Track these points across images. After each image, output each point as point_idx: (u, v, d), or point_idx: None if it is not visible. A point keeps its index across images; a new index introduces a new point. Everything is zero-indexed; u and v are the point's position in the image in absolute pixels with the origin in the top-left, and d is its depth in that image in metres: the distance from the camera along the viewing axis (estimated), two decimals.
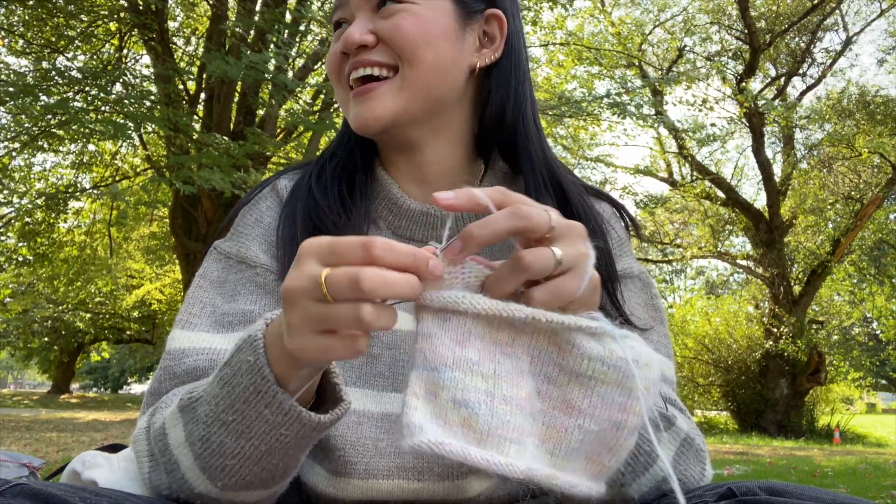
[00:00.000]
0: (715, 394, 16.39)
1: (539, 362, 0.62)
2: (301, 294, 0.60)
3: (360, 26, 0.96)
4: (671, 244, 18.27)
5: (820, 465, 7.54)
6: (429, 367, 0.60)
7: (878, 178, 15.49)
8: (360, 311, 0.57)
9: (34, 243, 13.86)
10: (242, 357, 0.70)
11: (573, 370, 0.60)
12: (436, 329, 0.61)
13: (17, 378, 68.67)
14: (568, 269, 0.62)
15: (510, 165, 1.06)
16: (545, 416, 0.61)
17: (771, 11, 15.75)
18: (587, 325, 0.60)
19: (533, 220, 0.61)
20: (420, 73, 0.95)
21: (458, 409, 0.59)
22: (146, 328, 24.97)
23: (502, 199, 0.63)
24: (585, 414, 0.60)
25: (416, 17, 0.95)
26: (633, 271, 1.07)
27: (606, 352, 0.60)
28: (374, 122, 0.95)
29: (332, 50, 1.01)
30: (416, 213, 1.02)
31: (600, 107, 9.99)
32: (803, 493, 0.69)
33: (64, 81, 9.00)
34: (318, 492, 0.94)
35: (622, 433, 0.60)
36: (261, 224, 1.04)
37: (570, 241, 0.63)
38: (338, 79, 1.01)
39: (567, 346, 0.60)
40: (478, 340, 0.61)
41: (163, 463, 0.79)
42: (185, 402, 0.77)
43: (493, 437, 0.59)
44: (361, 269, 0.57)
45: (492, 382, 0.60)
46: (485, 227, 0.60)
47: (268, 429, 0.70)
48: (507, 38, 1.02)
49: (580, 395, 0.60)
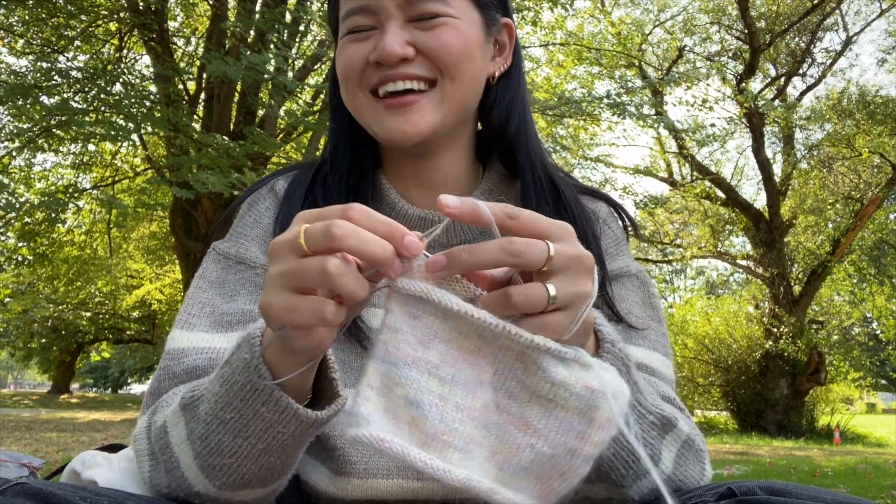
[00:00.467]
0: (715, 394, 16.39)
1: (502, 375, 0.60)
2: (282, 246, 0.61)
3: (398, 37, 0.92)
4: (671, 244, 18.27)
5: (820, 465, 7.54)
6: (389, 360, 0.60)
7: (878, 178, 15.49)
8: (327, 262, 0.57)
9: (34, 243, 13.87)
10: (240, 355, 0.70)
11: (535, 391, 0.59)
12: (403, 325, 0.60)
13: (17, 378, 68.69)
14: (562, 307, 0.60)
15: (508, 167, 1.07)
16: (500, 429, 0.60)
17: (771, 11, 15.75)
18: (556, 349, 0.58)
19: (526, 258, 0.58)
20: (459, 87, 0.95)
21: (409, 408, 0.59)
22: (146, 328, 24.98)
23: (505, 222, 0.60)
24: (540, 435, 0.58)
25: (458, 31, 0.94)
26: (631, 270, 1.07)
27: (573, 379, 0.57)
28: (416, 135, 0.94)
29: (353, 55, 0.95)
30: (414, 219, 1.02)
31: (600, 107, 9.99)
32: (803, 493, 0.69)
33: (64, 82, 9.00)
34: (318, 491, 0.95)
35: (576, 461, 0.58)
36: (259, 224, 1.04)
37: (572, 276, 0.60)
38: (358, 86, 0.96)
39: (533, 366, 0.59)
40: (442, 344, 0.60)
41: (163, 461, 0.79)
42: (186, 400, 0.77)
43: (437, 441, 0.58)
44: (335, 220, 0.58)
45: (447, 388, 0.59)
46: (473, 254, 0.59)
47: (265, 427, 0.70)
48: (514, 46, 1.04)
49: (538, 415, 0.58)
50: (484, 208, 0.60)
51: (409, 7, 0.92)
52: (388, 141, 0.96)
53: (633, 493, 0.82)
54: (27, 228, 13.06)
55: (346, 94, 0.99)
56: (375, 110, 0.96)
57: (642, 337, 1.02)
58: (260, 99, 9.04)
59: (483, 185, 1.05)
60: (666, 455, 0.83)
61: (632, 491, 0.82)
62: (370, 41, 0.94)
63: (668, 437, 0.83)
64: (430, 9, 0.92)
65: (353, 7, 0.95)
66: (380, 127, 0.96)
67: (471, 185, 1.06)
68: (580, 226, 1.01)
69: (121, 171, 13.59)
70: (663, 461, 0.83)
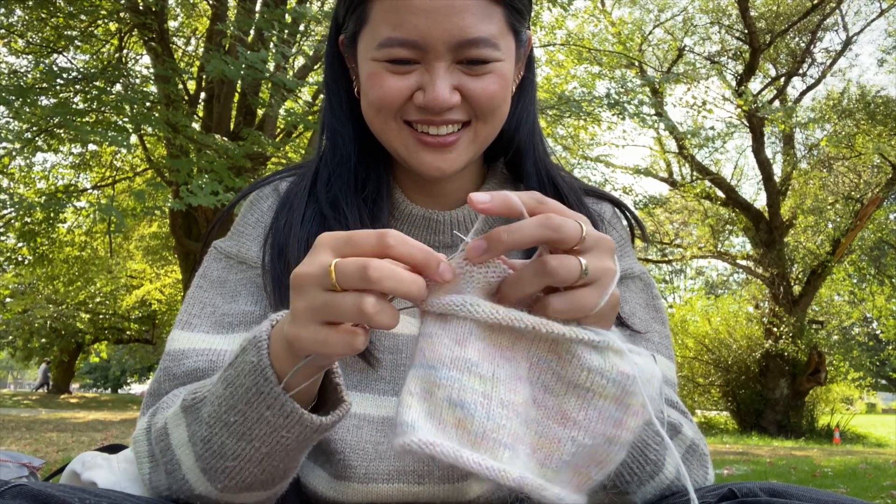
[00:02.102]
0: (715, 394, 16.39)
1: (537, 369, 0.60)
2: (310, 280, 0.60)
3: (448, 84, 0.89)
4: (671, 244, 18.26)
5: (820, 465, 7.54)
6: (426, 365, 0.59)
7: (878, 178, 15.48)
8: (363, 302, 0.57)
9: (34, 243, 13.86)
10: (246, 358, 0.69)
11: (571, 381, 0.59)
12: (436, 329, 0.60)
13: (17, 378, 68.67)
14: (591, 281, 0.61)
15: (511, 171, 1.07)
16: (539, 424, 0.59)
17: (771, 11, 15.75)
18: (589, 337, 0.58)
19: (564, 232, 0.59)
20: (490, 128, 0.95)
21: (454, 410, 0.58)
22: (146, 328, 24.98)
23: (537, 207, 0.61)
24: (580, 426, 0.58)
25: (503, 79, 0.92)
26: (634, 272, 1.07)
27: (608, 365, 0.58)
28: (451, 172, 0.94)
29: (394, 89, 0.90)
30: (419, 218, 1.02)
31: (600, 107, 9.99)
32: (804, 495, 0.69)
33: (63, 82, 8.99)
34: (318, 495, 0.94)
35: (613, 448, 0.59)
36: (261, 224, 1.03)
37: (599, 253, 0.62)
38: (392, 116, 0.93)
39: (567, 355, 0.59)
40: (478, 342, 0.59)
41: (163, 463, 0.79)
42: (188, 402, 0.77)
43: (487, 440, 0.57)
44: (371, 258, 0.57)
45: (490, 385, 0.58)
46: (514, 233, 0.59)
47: (269, 430, 0.70)
48: (530, 55, 1.03)
49: (577, 406, 0.59)
50: (514, 198, 0.60)
51: (461, 51, 0.88)
52: (419, 172, 0.95)
53: (637, 499, 0.82)
54: (27, 228, 13.06)
55: (375, 118, 0.94)
56: (408, 141, 0.93)
57: (645, 339, 1.02)
58: (260, 98, 9.04)
59: (487, 184, 1.06)
60: (670, 460, 0.83)
61: (636, 497, 0.81)
62: (412, 77, 0.90)
63: (673, 443, 0.83)
64: (482, 55, 0.88)
65: (397, 38, 0.87)
66: (413, 158, 0.94)
67: (476, 184, 1.06)
68: None
69: (121, 171, 13.59)
70: (667, 466, 0.83)
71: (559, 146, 13.87)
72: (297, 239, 0.95)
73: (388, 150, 1.03)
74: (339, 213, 0.98)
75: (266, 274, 0.97)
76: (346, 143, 1.02)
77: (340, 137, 1.02)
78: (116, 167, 13.60)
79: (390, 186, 1.03)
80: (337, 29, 1.02)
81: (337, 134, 1.03)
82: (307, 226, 0.97)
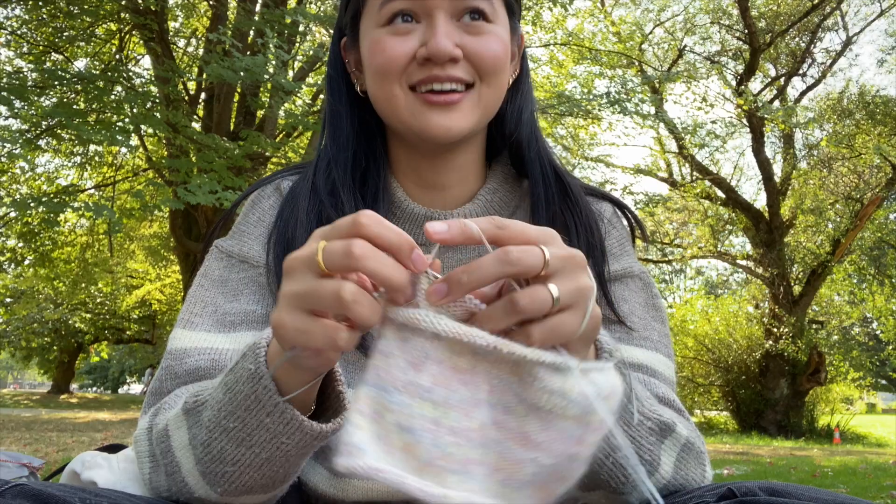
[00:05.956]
0: (715, 394, 16.39)
1: (498, 391, 0.59)
2: (299, 263, 0.60)
3: (449, 37, 0.91)
4: (671, 244, 18.26)
5: (820, 465, 7.54)
6: (379, 385, 0.58)
7: (878, 178, 15.47)
8: (342, 288, 0.56)
9: (35, 243, 13.87)
10: (245, 364, 0.69)
11: (533, 403, 0.58)
12: (394, 349, 0.59)
13: (17, 378, 68.68)
14: (567, 306, 0.59)
15: (514, 165, 1.08)
16: (499, 445, 0.58)
17: (771, 11, 15.74)
18: (550, 359, 0.57)
19: (523, 265, 0.57)
20: (493, 93, 0.97)
21: (402, 435, 0.57)
22: (146, 328, 24.99)
23: (496, 232, 0.59)
24: (542, 448, 0.57)
25: (501, 40, 0.95)
26: (634, 271, 1.07)
27: (568, 386, 0.57)
28: (458, 132, 0.95)
29: (396, 50, 0.93)
30: (421, 217, 1.02)
31: (600, 105, 10.00)
32: (804, 494, 0.68)
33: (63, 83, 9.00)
34: (318, 492, 0.94)
35: (575, 464, 0.58)
36: (263, 223, 1.03)
37: (569, 274, 0.60)
38: (397, 81, 0.94)
39: (528, 377, 0.58)
40: (434, 365, 0.58)
41: (164, 465, 0.79)
42: (189, 405, 0.77)
43: (433, 466, 0.57)
44: (355, 239, 0.57)
45: (441, 411, 0.58)
46: (472, 274, 0.57)
47: (269, 437, 0.70)
48: (522, 54, 1.07)
49: (538, 428, 0.57)
50: (472, 226, 0.59)
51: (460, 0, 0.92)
52: (426, 136, 0.95)
53: (633, 499, 0.82)
54: (26, 229, 13.06)
55: (379, 88, 0.96)
56: (414, 105, 0.94)
57: (644, 338, 1.01)
58: (259, 100, 9.05)
59: (489, 183, 1.06)
60: (665, 460, 0.83)
61: (632, 497, 0.81)
62: (414, 36, 0.93)
63: (668, 442, 0.83)
64: (481, 6, 0.93)
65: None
66: (419, 121, 0.94)
67: (478, 184, 1.07)
68: (587, 221, 1.02)
69: (122, 171, 13.59)
70: (663, 466, 0.83)
71: (559, 146, 13.87)
72: (302, 234, 0.96)
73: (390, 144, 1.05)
74: (338, 201, 0.98)
75: (270, 272, 0.97)
76: (347, 140, 1.03)
77: (341, 136, 1.03)
78: (117, 167, 13.60)
79: (390, 185, 1.03)
80: (340, 32, 1.05)
81: (337, 133, 1.04)
82: (313, 221, 0.97)
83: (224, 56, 7.50)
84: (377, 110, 1.00)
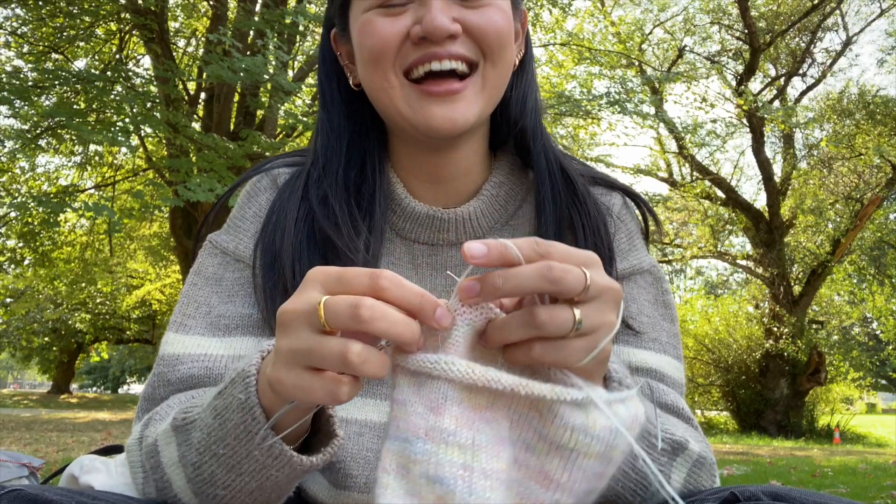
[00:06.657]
0: (715, 394, 16.39)
1: (518, 427, 0.56)
2: (297, 317, 0.56)
3: (446, 12, 0.84)
4: (671, 244, 18.26)
5: (820, 466, 7.53)
6: (401, 437, 0.55)
7: (878, 178, 15.47)
8: (348, 350, 0.53)
9: (35, 243, 13.87)
10: (234, 392, 0.66)
11: (554, 441, 0.54)
12: (410, 395, 0.55)
13: (17, 378, 68.67)
14: (584, 334, 0.56)
15: (519, 156, 1.02)
16: (520, 485, 0.55)
17: (771, 11, 15.74)
18: (571, 396, 0.53)
19: (563, 286, 0.53)
20: (499, 73, 0.89)
21: (433, 486, 0.52)
22: (146, 328, 24.98)
23: (536, 256, 0.55)
24: (564, 489, 0.54)
25: (503, 13, 0.88)
26: (644, 265, 1.02)
27: (590, 422, 0.54)
28: (463, 125, 0.87)
29: (388, 30, 0.85)
30: (422, 216, 0.97)
31: (600, 105, 10.00)
32: (807, 498, 0.68)
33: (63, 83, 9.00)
34: (318, 502, 0.93)
35: (592, 496, 0.56)
36: (259, 219, 0.98)
37: (601, 305, 0.56)
38: (391, 66, 0.86)
39: (549, 414, 0.54)
40: (454, 406, 0.54)
41: (154, 480, 0.77)
42: (178, 422, 0.74)
43: None
44: (363, 297, 0.53)
45: (470, 454, 0.53)
46: (509, 280, 0.54)
47: (258, 468, 0.68)
48: (526, 35, 1.01)
49: (560, 467, 0.54)
50: (513, 248, 0.54)
51: None
52: (428, 130, 0.87)
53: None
54: (26, 229, 13.06)
55: (372, 76, 0.88)
56: (411, 96, 0.87)
57: (652, 339, 0.97)
58: (259, 100, 9.05)
59: (493, 177, 1.00)
60: (676, 477, 0.82)
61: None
62: (406, 16, 0.85)
63: (679, 460, 0.82)
64: None
65: None
66: (419, 114, 0.87)
67: (483, 175, 1.01)
68: (595, 222, 0.97)
69: (122, 171, 13.59)
70: (673, 483, 0.82)
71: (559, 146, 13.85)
72: (290, 244, 0.91)
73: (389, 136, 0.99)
74: (329, 212, 0.92)
75: (258, 288, 0.92)
76: (340, 138, 0.97)
77: (333, 135, 0.98)
78: (117, 167, 13.61)
79: (390, 181, 0.97)
80: (329, 23, 0.99)
81: (330, 131, 0.98)
82: (300, 229, 0.92)
83: (224, 56, 7.49)
84: (373, 103, 0.93)
